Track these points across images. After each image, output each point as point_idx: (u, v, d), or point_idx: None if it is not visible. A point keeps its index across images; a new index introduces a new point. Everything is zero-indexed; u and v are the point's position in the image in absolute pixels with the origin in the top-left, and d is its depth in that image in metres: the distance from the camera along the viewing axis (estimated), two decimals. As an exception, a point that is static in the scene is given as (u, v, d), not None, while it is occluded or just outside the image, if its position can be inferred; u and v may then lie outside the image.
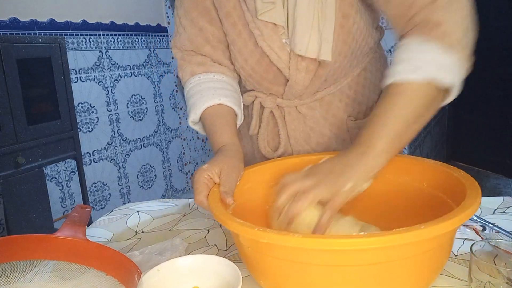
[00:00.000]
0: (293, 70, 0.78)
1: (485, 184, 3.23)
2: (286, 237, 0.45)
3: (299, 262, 0.47)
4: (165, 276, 0.55)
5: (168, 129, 3.13)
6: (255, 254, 0.52)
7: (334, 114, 0.86)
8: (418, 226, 0.43)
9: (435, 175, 0.62)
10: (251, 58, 0.80)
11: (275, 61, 0.78)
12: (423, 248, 0.46)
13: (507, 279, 0.46)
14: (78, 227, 0.59)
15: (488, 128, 3.51)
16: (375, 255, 0.45)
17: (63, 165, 2.36)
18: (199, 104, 0.79)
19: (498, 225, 0.70)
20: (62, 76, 1.85)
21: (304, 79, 0.79)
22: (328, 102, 0.85)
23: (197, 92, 0.81)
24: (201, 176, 0.64)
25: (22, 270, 0.53)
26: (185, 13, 0.83)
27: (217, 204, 0.57)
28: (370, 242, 0.42)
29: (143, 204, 0.96)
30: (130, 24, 2.74)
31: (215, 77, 0.84)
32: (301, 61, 0.77)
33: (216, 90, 0.81)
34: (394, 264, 0.46)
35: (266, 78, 0.82)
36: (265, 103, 0.86)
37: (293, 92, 0.82)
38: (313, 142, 0.87)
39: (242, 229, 0.49)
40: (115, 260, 0.56)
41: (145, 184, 2.96)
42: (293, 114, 0.86)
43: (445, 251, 0.51)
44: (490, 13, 3.38)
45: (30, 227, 1.72)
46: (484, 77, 3.52)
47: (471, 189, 0.52)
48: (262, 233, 0.46)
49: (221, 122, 0.78)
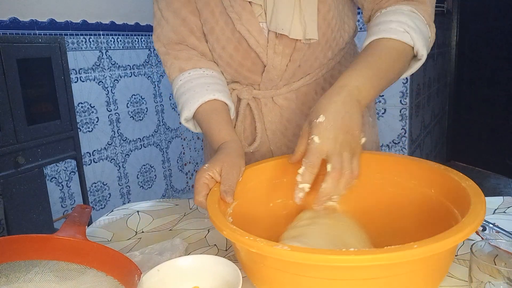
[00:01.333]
0: (270, 53, 0.79)
1: (485, 184, 3.23)
2: (274, 249, 0.43)
3: (290, 273, 0.46)
4: (165, 276, 0.54)
5: (168, 129, 3.13)
6: (250, 260, 0.52)
7: (310, 106, 0.86)
8: (411, 245, 0.41)
9: (443, 182, 0.61)
10: (229, 45, 0.80)
11: (254, 45, 0.78)
12: (415, 266, 0.45)
13: (507, 279, 0.46)
14: (78, 227, 0.59)
15: (488, 128, 3.51)
16: (368, 271, 0.44)
17: (63, 165, 2.36)
18: (192, 101, 0.79)
19: (498, 225, 0.70)
20: (62, 76, 1.85)
21: (281, 63, 0.80)
22: (304, 93, 0.86)
23: (190, 89, 0.80)
24: (201, 176, 0.64)
25: (22, 270, 0.53)
26: (167, 5, 0.83)
27: (215, 206, 0.56)
28: (359, 260, 0.41)
29: (143, 204, 0.95)
30: (130, 24, 2.74)
31: (206, 73, 0.83)
32: (278, 44, 0.78)
33: (209, 86, 0.80)
34: (388, 279, 0.45)
35: (244, 65, 0.82)
36: (242, 94, 0.86)
37: (271, 78, 0.82)
38: (290, 134, 0.88)
39: (233, 236, 0.48)
40: (115, 260, 0.56)
41: (145, 184, 2.96)
42: (270, 106, 0.86)
43: (444, 263, 0.49)
44: (490, 13, 3.38)
45: (30, 227, 1.72)
46: (484, 77, 3.52)
47: (475, 204, 0.49)
48: (252, 243, 0.45)
49: (218, 118, 0.78)
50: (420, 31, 0.67)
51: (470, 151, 3.69)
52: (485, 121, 3.53)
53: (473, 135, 3.66)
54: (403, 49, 0.67)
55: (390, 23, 0.67)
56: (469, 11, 3.58)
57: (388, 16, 0.69)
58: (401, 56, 0.67)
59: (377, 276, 0.44)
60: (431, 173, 0.64)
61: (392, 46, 0.66)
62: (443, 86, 3.60)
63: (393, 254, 0.41)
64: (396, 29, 0.66)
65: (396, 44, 0.66)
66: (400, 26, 0.66)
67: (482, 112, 3.55)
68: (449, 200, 0.59)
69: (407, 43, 0.66)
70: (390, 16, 0.69)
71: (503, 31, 3.27)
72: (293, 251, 0.42)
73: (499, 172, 3.40)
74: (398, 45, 0.66)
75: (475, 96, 3.61)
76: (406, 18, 0.67)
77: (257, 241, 0.45)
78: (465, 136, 3.75)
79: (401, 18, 0.67)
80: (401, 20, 0.67)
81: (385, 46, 0.67)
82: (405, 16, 0.68)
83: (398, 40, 0.66)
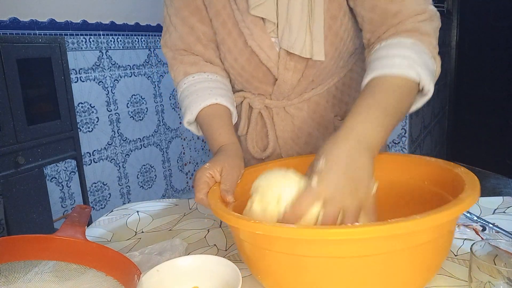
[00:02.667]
0: (281, 69, 0.79)
1: (485, 184, 3.23)
2: (281, 228, 0.45)
3: (295, 255, 0.48)
4: (165, 276, 0.54)
5: (168, 129, 3.13)
6: (254, 249, 0.52)
7: (321, 115, 0.87)
8: (415, 216, 0.42)
9: (435, 172, 0.62)
10: (241, 57, 0.81)
11: (265, 60, 0.78)
12: (421, 239, 0.46)
13: (507, 279, 0.46)
14: (78, 227, 0.59)
15: (488, 128, 3.51)
16: (371, 245, 0.45)
17: (63, 165, 2.36)
18: (195, 104, 0.79)
19: (498, 225, 0.70)
20: (62, 76, 1.85)
21: (292, 78, 0.80)
22: (315, 103, 0.86)
23: (193, 92, 0.81)
24: (202, 174, 0.64)
25: (22, 270, 0.53)
26: (176, 11, 0.83)
27: (217, 201, 0.57)
28: (365, 231, 0.42)
29: (143, 204, 0.95)
30: (130, 24, 2.74)
31: (209, 77, 0.83)
32: (289, 60, 0.78)
33: (212, 90, 0.80)
34: (391, 255, 0.46)
35: (255, 77, 0.82)
36: (254, 103, 0.86)
37: (282, 91, 0.83)
38: (301, 142, 0.88)
39: (239, 222, 0.49)
40: (115, 260, 0.56)
41: (145, 184, 2.96)
42: (281, 115, 0.87)
43: (443, 247, 0.51)
44: (490, 13, 3.38)
45: (30, 227, 1.72)
46: (484, 77, 3.52)
47: (469, 183, 0.52)
48: (257, 225, 0.46)
49: (219, 122, 0.78)
50: (425, 65, 0.63)
51: (470, 151, 3.70)
52: (485, 121, 3.53)
53: (473, 135, 3.66)
54: (409, 86, 0.62)
55: (393, 58, 0.63)
56: (469, 11, 3.58)
57: (390, 50, 0.64)
58: (407, 94, 0.62)
59: (381, 251, 0.45)
60: (421, 166, 0.65)
61: (397, 83, 0.61)
62: (443, 86, 3.60)
63: (398, 225, 0.42)
64: (400, 64, 0.61)
65: (401, 80, 0.61)
66: (404, 61, 0.61)
67: (482, 112, 3.55)
68: (442, 188, 0.60)
69: (413, 78, 0.61)
70: (392, 50, 0.64)
71: (503, 31, 3.27)
72: (300, 228, 0.45)
73: (499, 172, 3.40)
74: (404, 81, 0.61)
75: (475, 96, 3.61)
76: (410, 52, 0.62)
77: (263, 223, 0.46)
78: (465, 136, 3.75)
79: (404, 52, 0.63)
80: (404, 54, 0.62)
81: (390, 83, 0.61)
82: (408, 49, 0.63)
83: (403, 76, 0.61)
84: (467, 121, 3.73)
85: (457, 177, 0.56)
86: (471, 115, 3.67)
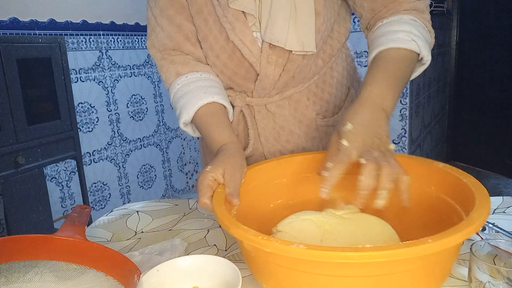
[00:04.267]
0: (264, 63, 0.79)
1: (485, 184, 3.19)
2: (289, 248, 0.44)
3: (301, 271, 0.47)
4: (165, 276, 0.54)
5: (168, 129, 3.13)
6: (259, 259, 0.52)
7: (302, 113, 0.88)
8: (425, 240, 0.41)
9: (443, 179, 0.62)
10: (222, 53, 0.81)
11: (247, 55, 0.78)
12: (426, 261, 0.45)
13: (507, 279, 0.46)
14: (78, 227, 0.59)
15: (488, 128, 3.51)
16: (378, 268, 0.44)
17: (63, 165, 2.36)
18: (191, 104, 0.78)
19: (498, 225, 0.70)
20: (62, 76, 1.85)
21: (274, 72, 0.80)
22: (296, 101, 0.87)
23: (187, 92, 0.80)
24: (205, 178, 0.64)
25: (22, 270, 0.53)
26: (161, 11, 0.82)
27: (222, 208, 0.56)
28: (372, 256, 0.41)
29: (143, 204, 0.95)
30: (130, 24, 2.74)
31: (203, 76, 0.82)
32: (271, 54, 0.78)
33: (207, 89, 0.80)
34: (398, 275, 0.45)
35: (238, 73, 0.83)
36: (235, 101, 0.86)
37: (263, 87, 0.83)
38: (282, 140, 0.88)
39: (246, 236, 0.48)
40: (115, 260, 0.56)
41: (145, 184, 2.96)
42: (263, 113, 0.87)
43: (450, 259, 0.50)
44: (490, 13, 3.38)
45: (30, 227, 1.72)
46: (484, 77, 3.52)
47: (480, 199, 0.50)
48: (266, 242, 0.45)
49: (217, 120, 0.78)
50: (424, 38, 0.71)
51: (470, 151, 3.69)
52: (485, 121, 3.53)
53: (473, 135, 3.66)
54: (411, 57, 0.70)
55: (396, 33, 0.71)
56: (469, 11, 3.58)
57: (392, 26, 0.72)
58: (410, 63, 0.71)
59: (388, 272, 0.44)
60: (430, 170, 0.65)
61: (402, 55, 0.70)
62: (443, 86, 3.60)
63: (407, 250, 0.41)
64: (404, 38, 0.70)
65: (405, 52, 0.70)
66: (407, 36, 0.70)
67: (482, 112, 3.55)
68: (450, 196, 0.60)
69: (414, 50, 0.70)
70: (394, 26, 0.72)
71: (503, 31, 3.27)
72: (309, 250, 0.43)
73: (499, 172, 3.40)
74: (407, 53, 0.70)
75: (475, 96, 3.61)
76: (410, 27, 0.71)
77: (272, 241, 0.45)
78: (465, 136, 3.75)
79: (406, 28, 0.71)
80: (406, 29, 0.71)
81: (396, 55, 0.70)
82: (409, 25, 0.71)
83: (407, 49, 0.69)
84: (467, 121, 3.73)
85: (466, 187, 0.55)
86: (471, 115, 3.67)
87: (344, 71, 0.91)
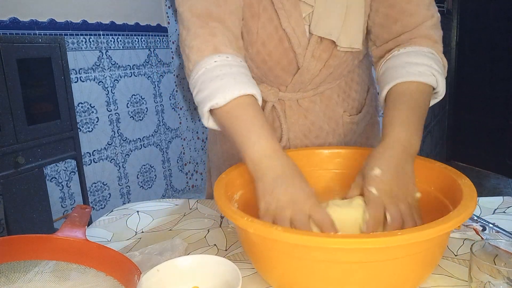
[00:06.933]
0: (308, 56, 0.79)
1: (485, 184, 3.23)
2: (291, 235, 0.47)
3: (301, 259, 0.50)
4: (165, 276, 0.54)
5: (168, 129, 3.13)
6: (262, 248, 0.53)
7: (332, 109, 0.89)
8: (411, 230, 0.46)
9: (442, 179, 0.63)
10: (270, 42, 0.79)
11: (295, 45, 0.78)
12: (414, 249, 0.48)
13: (507, 279, 0.46)
14: (78, 227, 0.59)
15: (488, 128, 3.51)
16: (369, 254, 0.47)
17: (63, 165, 2.36)
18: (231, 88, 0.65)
19: (498, 225, 0.70)
20: (62, 76, 1.85)
21: (315, 67, 0.81)
22: (328, 97, 0.87)
23: (228, 74, 0.67)
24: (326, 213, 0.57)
25: (22, 270, 0.53)
26: None
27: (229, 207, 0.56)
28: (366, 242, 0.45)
29: (143, 204, 0.95)
30: (130, 24, 2.74)
31: (242, 63, 0.71)
32: (317, 48, 0.78)
33: (249, 78, 0.69)
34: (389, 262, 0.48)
35: (279, 63, 0.81)
36: (268, 97, 0.86)
37: (302, 81, 0.83)
38: (312, 136, 0.88)
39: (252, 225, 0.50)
40: (115, 260, 0.56)
41: (145, 184, 2.96)
42: (294, 108, 0.87)
43: (436, 252, 0.53)
44: (490, 13, 3.38)
45: (30, 227, 1.72)
46: (484, 77, 3.52)
47: (466, 199, 0.53)
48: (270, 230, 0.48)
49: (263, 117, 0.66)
50: (441, 71, 0.72)
51: (470, 151, 3.70)
52: (485, 121, 3.53)
53: (473, 135, 3.66)
54: (429, 91, 0.71)
55: (417, 66, 0.70)
56: (469, 11, 3.58)
57: (411, 58, 0.72)
58: (429, 99, 0.71)
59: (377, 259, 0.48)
60: (430, 171, 0.66)
61: (422, 90, 0.69)
62: (443, 86, 3.60)
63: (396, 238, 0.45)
64: (425, 72, 0.69)
65: (425, 87, 0.69)
66: (427, 70, 0.70)
67: (482, 112, 3.55)
68: (446, 197, 0.61)
69: (433, 85, 0.70)
70: (413, 58, 0.71)
71: (503, 31, 3.27)
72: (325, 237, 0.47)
73: (499, 172, 3.40)
74: (426, 88, 0.70)
75: (475, 96, 3.61)
76: (431, 62, 0.71)
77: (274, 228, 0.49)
78: (465, 136, 3.75)
79: (426, 61, 0.71)
80: (427, 63, 0.70)
81: (417, 90, 0.69)
82: (429, 59, 0.71)
83: (427, 84, 0.69)
84: (467, 121, 3.73)
85: (459, 188, 0.57)
86: (471, 115, 3.67)
87: (367, 70, 0.93)
